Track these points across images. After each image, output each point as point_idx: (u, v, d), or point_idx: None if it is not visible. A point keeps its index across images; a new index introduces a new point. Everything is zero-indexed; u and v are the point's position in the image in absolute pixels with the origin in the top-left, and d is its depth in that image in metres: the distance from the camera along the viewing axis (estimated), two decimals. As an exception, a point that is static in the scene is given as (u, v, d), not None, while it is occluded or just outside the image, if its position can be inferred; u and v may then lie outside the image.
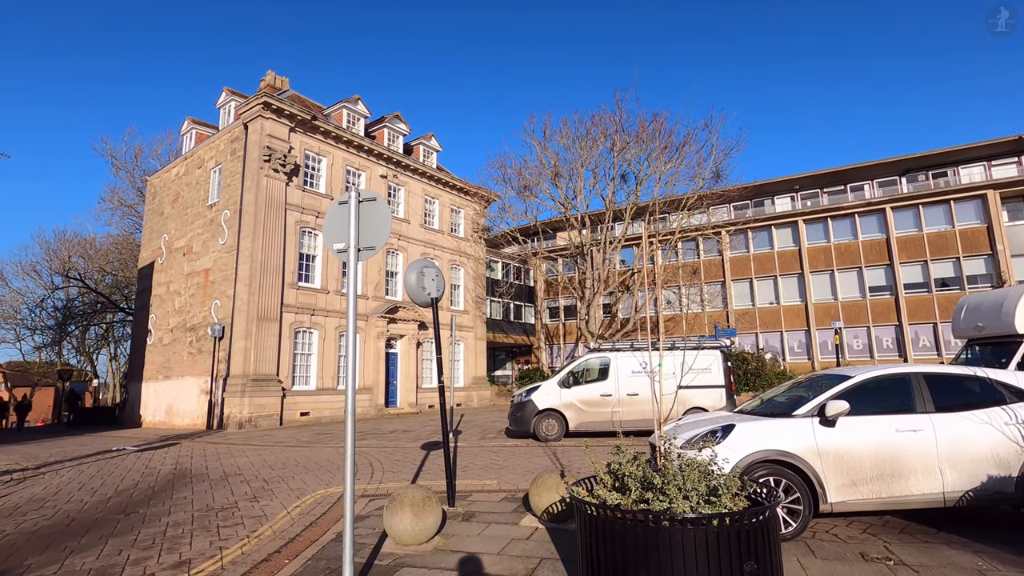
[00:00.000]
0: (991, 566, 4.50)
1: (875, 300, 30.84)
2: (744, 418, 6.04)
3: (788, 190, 37.02)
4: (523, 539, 5.55)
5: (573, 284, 29.55)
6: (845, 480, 5.37)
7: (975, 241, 29.22)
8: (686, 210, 27.08)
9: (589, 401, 12.96)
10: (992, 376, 5.80)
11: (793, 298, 33.06)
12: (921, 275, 30.19)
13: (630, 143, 24.75)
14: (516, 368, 40.32)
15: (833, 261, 32.19)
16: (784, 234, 34.02)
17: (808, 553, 4.93)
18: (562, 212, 27.36)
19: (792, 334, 32.58)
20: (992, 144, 31.24)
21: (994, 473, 5.32)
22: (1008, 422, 5.41)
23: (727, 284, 34.62)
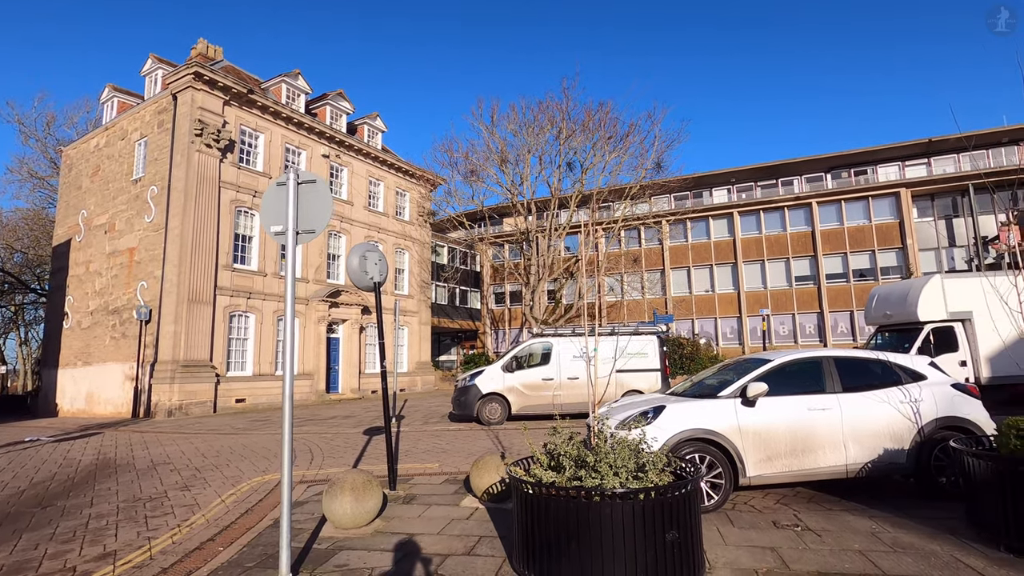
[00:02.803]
0: (882, 528, 5.03)
1: (800, 289, 32.87)
2: (674, 400, 6.39)
3: (725, 183, 38.64)
4: (463, 519, 5.69)
5: (519, 270, 29.83)
6: (762, 455, 5.81)
7: (888, 235, 31.61)
8: (629, 199, 27.80)
9: (531, 385, 13.23)
10: (891, 359, 6.40)
11: (727, 286, 34.72)
12: (841, 266, 32.40)
13: (576, 131, 25.11)
14: (461, 353, 40.40)
15: (764, 252, 33.99)
16: (720, 225, 35.56)
17: (727, 523, 5.32)
18: (508, 198, 27.47)
19: (725, 320, 34.27)
20: (905, 145, 33.74)
21: (890, 447, 5.91)
22: (903, 400, 6.00)
23: (666, 272, 35.91)
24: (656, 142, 25.83)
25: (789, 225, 33.74)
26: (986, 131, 32.02)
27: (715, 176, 38.24)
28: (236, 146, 21.64)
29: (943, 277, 14.08)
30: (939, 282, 13.88)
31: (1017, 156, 32.28)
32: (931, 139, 33.11)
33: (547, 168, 26.85)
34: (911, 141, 33.55)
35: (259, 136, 22.71)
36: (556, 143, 25.67)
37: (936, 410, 5.97)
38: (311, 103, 26.79)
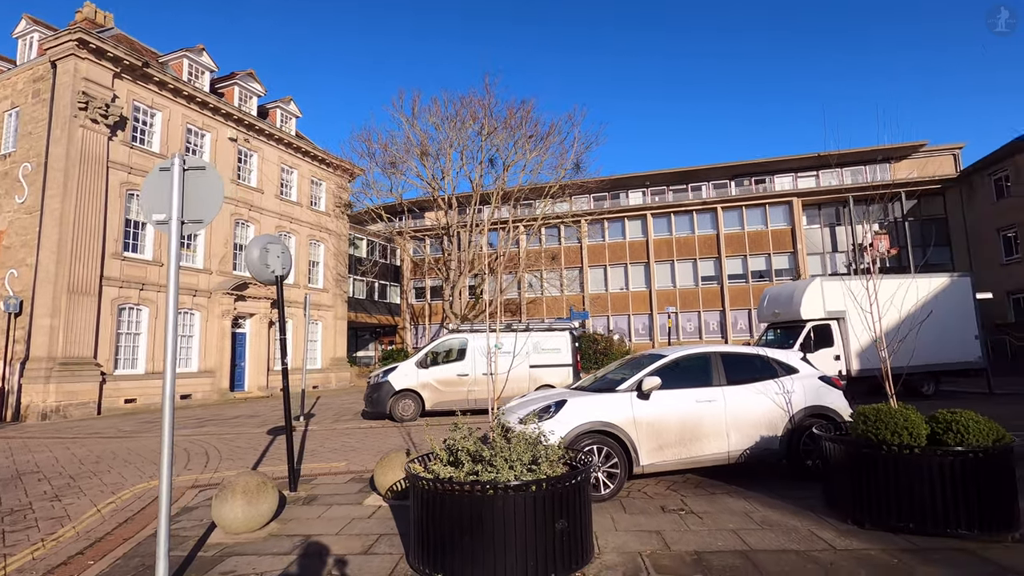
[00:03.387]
0: (755, 508, 5.52)
1: (705, 288, 35.10)
2: (577, 394, 6.64)
3: (641, 186, 40.39)
4: (364, 518, 5.61)
5: (439, 265, 29.60)
6: (655, 445, 6.18)
7: (782, 240, 34.48)
8: (549, 198, 28.38)
9: (446, 381, 13.21)
10: (769, 354, 7.02)
11: (640, 284, 36.38)
12: (741, 268, 34.94)
13: (498, 128, 25.25)
14: (380, 348, 39.52)
15: (674, 252, 35.95)
16: (635, 226, 37.17)
17: (620, 510, 5.62)
18: (429, 192, 27.16)
19: (638, 317, 35.92)
20: (799, 159, 36.87)
21: (766, 434, 6.49)
22: (778, 392, 6.60)
23: (584, 270, 37.04)
24: (575, 143, 26.59)
25: (697, 228, 35.88)
26: (865, 149, 35.65)
27: (631, 179, 39.88)
28: (128, 124, 19.81)
29: (822, 280, 15.58)
30: (819, 284, 15.34)
31: (890, 173, 36.24)
32: (820, 154, 36.38)
33: (469, 163, 26.86)
34: (804, 155, 36.69)
35: (156, 114, 20.92)
36: (478, 139, 25.72)
37: (805, 400, 6.63)
38: (217, 82, 25.03)
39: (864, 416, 5.09)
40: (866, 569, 4.00)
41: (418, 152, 25.86)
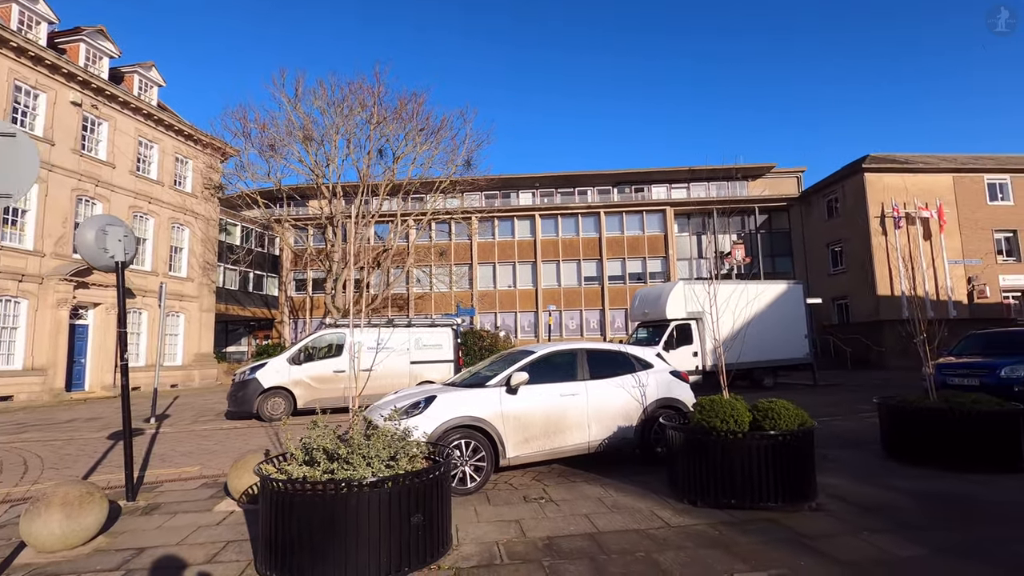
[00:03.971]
0: (608, 494, 5.95)
1: (588, 288, 36.96)
2: (448, 390, 6.70)
3: (531, 186, 41.55)
4: (212, 525, 5.23)
5: (322, 256, 28.22)
6: (521, 438, 6.42)
7: (656, 245, 37.29)
8: (440, 193, 28.20)
9: (321, 378, 12.66)
10: (629, 351, 7.59)
11: (527, 283, 37.41)
12: (620, 269, 37.26)
13: (388, 118, 24.61)
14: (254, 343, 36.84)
15: (560, 253, 37.42)
16: (524, 225, 38.14)
17: (485, 502, 5.77)
18: (313, 179, 25.76)
19: (524, 314, 36.92)
20: (672, 171, 40.12)
21: (623, 424, 7.01)
22: (634, 385, 7.16)
23: (474, 267, 37.33)
24: (467, 140, 26.68)
25: (581, 231, 37.64)
26: (727, 166, 39.68)
27: (522, 179, 40.89)
28: (-66, 73, 16.58)
29: (684, 284, 17.11)
30: (682, 287, 16.83)
31: (747, 189, 40.60)
32: (691, 168, 39.87)
33: (356, 152, 25.88)
34: (677, 168, 39.96)
35: (-27, 65, 17.72)
36: (367, 127, 24.87)
37: (657, 392, 7.25)
38: (58, 36, 21.78)
39: (700, 406, 5.70)
40: (692, 542, 4.48)
41: (301, 136, 24.42)
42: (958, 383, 11.79)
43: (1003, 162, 32.18)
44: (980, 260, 29.42)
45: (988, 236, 29.94)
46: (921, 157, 32.82)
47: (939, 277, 29.18)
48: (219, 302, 29.91)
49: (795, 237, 36.84)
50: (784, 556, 4.14)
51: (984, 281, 29.26)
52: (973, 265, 29.38)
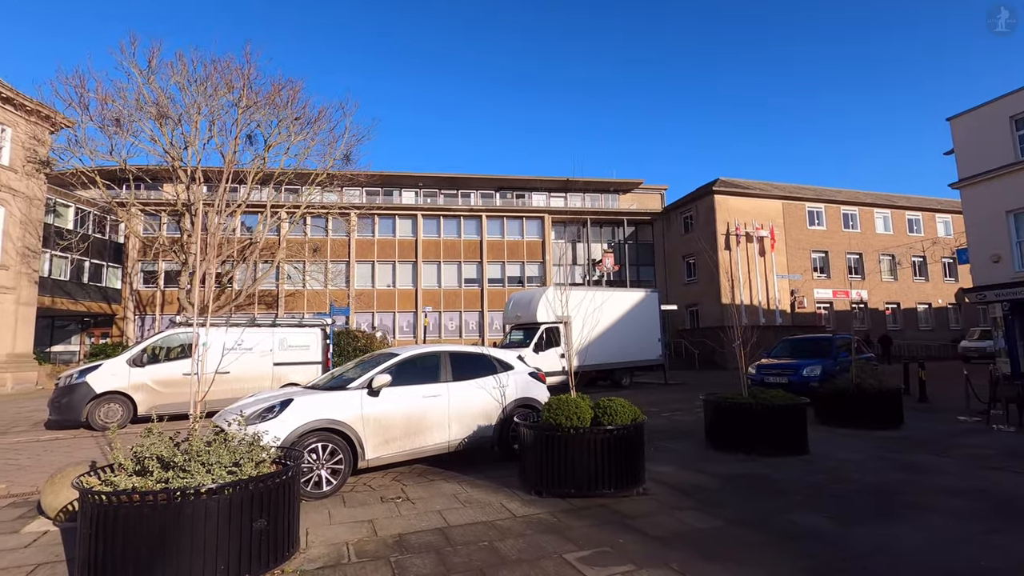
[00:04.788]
0: (463, 490, 6.24)
1: (468, 290, 37.42)
2: (306, 393, 6.58)
3: (414, 185, 41.13)
4: (19, 548, 4.68)
5: (178, 246, 25.61)
6: (381, 439, 6.50)
7: (534, 251, 38.79)
8: (316, 185, 26.94)
9: (168, 381, 11.58)
10: (491, 353, 7.98)
11: (407, 283, 36.96)
12: (500, 273, 38.21)
13: (260, 103, 23.01)
14: (88, 342, 32.32)
15: (441, 254, 37.47)
16: (406, 224, 37.66)
17: (340, 504, 5.78)
18: (168, 161, 23.27)
19: (403, 315, 36.43)
20: (551, 180, 42.01)
21: (483, 423, 7.36)
22: (495, 386, 7.54)
23: (351, 264, 36.08)
24: (347, 133, 25.77)
25: (463, 233, 38.03)
26: (601, 180, 42.42)
27: (406, 178, 40.34)
28: None
29: (554, 288, 18.10)
30: (551, 292, 17.78)
31: (618, 202, 43.69)
32: (568, 179, 42.02)
33: (222, 136, 23.83)
34: (555, 177, 41.89)
35: None
36: (234, 110, 23.01)
37: (516, 393, 7.71)
38: None
39: (549, 405, 6.20)
40: (533, 529, 4.90)
41: (154, 113, 21.94)
42: (773, 381, 13.83)
43: (820, 193, 38.04)
44: (800, 276, 34.48)
45: (807, 255, 35.20)
46: (759, 184, 37.72)
47: (770, 289, 33.73)
48: (44, 294, 25.88)
49: (657, 248, 40.38)
50: (608, 535, 4.70)
51: (803, 294, 34.34)
52: (795, 280, 34.34)
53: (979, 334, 28.65)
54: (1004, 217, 18.16)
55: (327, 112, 25.51)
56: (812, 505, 5.48)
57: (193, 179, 23.64)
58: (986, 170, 18.60)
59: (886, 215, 38.00)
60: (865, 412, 10.01)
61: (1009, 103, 18.15)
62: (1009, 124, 18.07)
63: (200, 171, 23.85)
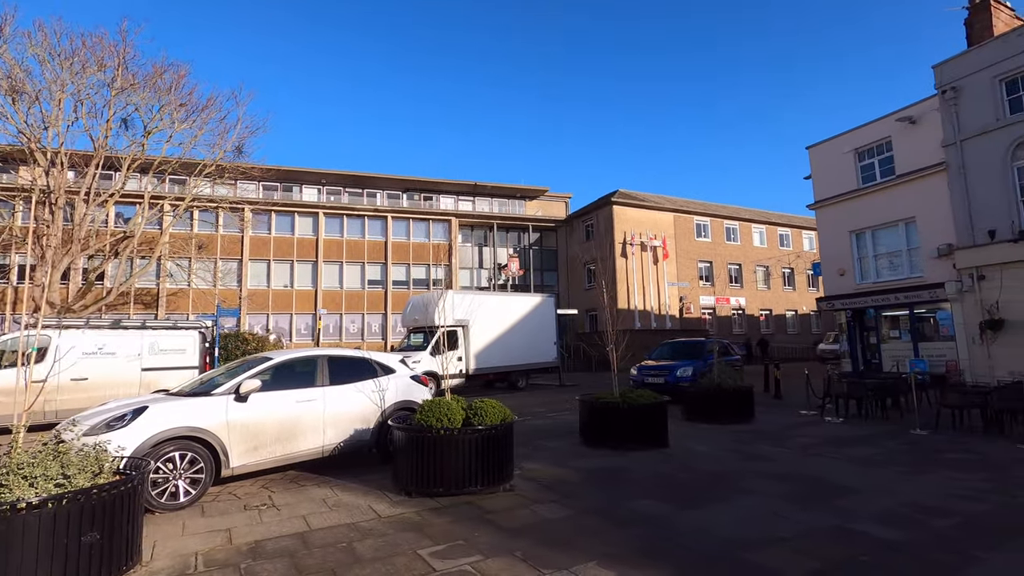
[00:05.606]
0: (334, 494, 6.23)
1: (371, 292, 36.58)
2: (165, 399, 6.27)
3: (316, 182, 39.56)
4: None
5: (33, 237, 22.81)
6: (249, 446, 6.33)
7: (441, 253, 38.73)
8: (204, 178, 25.17)
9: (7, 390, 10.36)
10: (372, 357, 8.00)
11: (307, 283, 35.46)
12: (405, 275, 37.74)
13: (138, 85, 21.11)
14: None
15: (344, 254, 36.34)
16: (306, 222, 36.12)
17: (198, 514, 5.57)
18: (23, 142, 20.70)
19: (301, 317, 34.89)
20: (459, 183, 42.19)
21: (360, 427, 7.36)
22: (375, 390, 7.57)
23: (244, 263, 34.01)
24: (239, 124, 24.31)
25: (368, 233, 37.16)
26: (508, 185, 43.24)
27: (307, 174, 38.72)
28: None
29: (453, 292, 18.30)
30: (451, 296, 17.95)
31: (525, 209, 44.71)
32: (476, 183, 42.43)
33: (91, 118, 21.59)
34: (463, 181, 42.13)
35: None
36: (107, 91, 20.93)
37: (397, 396, 7.79)
38: None
39: (422, 408, 6.37)
40: (394, 528, 5.03)
41: (5, 87, 19.43)
42: (651, 381, 14.93)
43: (707, 207, 41.33)
44: (688, 283, 37.25)
45: (694, 265, 38.10)
46: (653, 197, 40.30)
47: (661, 295, 36.12)
48: None
49: (561, 255, 41.83)
50: (465, 530, 4.94)
51: (690, 300, 37.12)
52: (684, 287, 37.03)
53: (833, 338, 32.52)
54: (848, 236, 20.83)
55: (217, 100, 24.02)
56: (657, 493, 6.08)
57: (54, 163, 21.21)
58: (835, 194, 21.26)
59: (762, 230, 42.07)
60: (723, 409, 11.14)
61: (853, 137, 20.89)
62: (853, 155, 20.80)
63: (64, 155, 21.45)
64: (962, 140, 16.66)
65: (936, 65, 17.54)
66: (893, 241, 19.50)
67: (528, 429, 10.84)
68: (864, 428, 10.28)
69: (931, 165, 17.70)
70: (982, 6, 17.71)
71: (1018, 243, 15.16)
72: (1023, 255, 15.06)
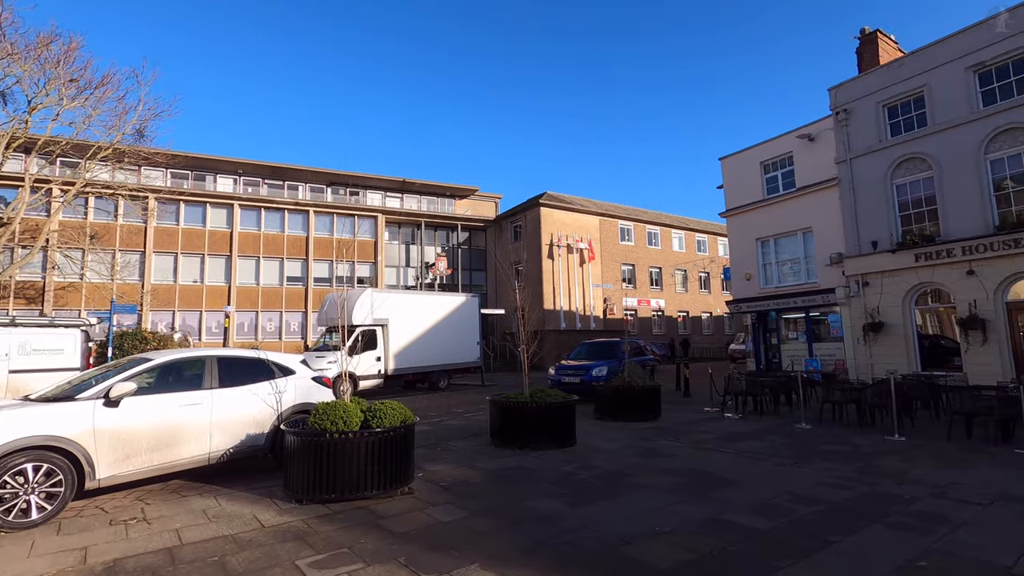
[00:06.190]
0: (217, 504, 5.84)
1: (291, 289, 34.98)
2: (19, 405, 5.65)
3: (233, 172, 37.32)
4: None
5: None
6: (120, 455, 5.81)
7: (367, 250, 37.70)
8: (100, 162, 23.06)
9: None
10: (270, 358, 7.59)
11: (219, 279, 33.37)
12: (328, 272, 36.41)
13: (19, 55, 18.98)
14: None
15: (261, 249, 34.52)
16: (220, 214, 33.99)
17: (53, 532, 5.04)
18: None
19: (213, 314, 32.78)
20: (387, 180, 41.26)
21: (253, 432, 6.96)
22: (271, 392, 7.19)
23: (148, 255, 31.50)
24: (140, 105, 22.42)
25: (288, 227, 35.52)
26: (438, 183, 42.79)
27: (223, 163, 36.47)
28: None
29: (372, 291, 17.81)
30: (369, 294, 17.47)
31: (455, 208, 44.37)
32: (405, 180, 41.66)
33: (-38, 89, 19.16)
34: (392, 177, 41.24)
35: None
36: (-20, 60, 18.62)
37: (295, 399, 7.44)
38: None
39: (316, 410, 6.11)
40: (276, 538, 4.77)
41: None
42: (568, 381, 15.22)
43: (630, 212, 42.79)
44: (612, 285, 38.40)
45: (619, 267, 39.34)
46: (580, 200, 41.24)
47: (587, 297, 37.01)
48: None
49: (490, 255, 41.88)
50: (352, 537, 4.77)
51: (614, 302, 38.28)
52: (608, 289, 38.14)
53: (741, 339, 34.65)
54: (754, 243, 22.25)
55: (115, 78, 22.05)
56: (555, 491, 6.16)
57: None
58: (743, 204, 22.64)
59: (681, 235, 44.12)
60: (632, 407, 11.52)
61: (760, 151, 22.33)
62: (760, 168, 22.23)
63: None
64: (852, 158, 18.19)
65: (832, 88, 19.07)
66: (793, 249, 21.00)
67: (441, 430, 10.73)
68: (758, 423, 10.96)
69: (826, 180, 19.23)
70: (870, 37, 19.42)
71: (895, 253, 16.76)
72: (899, 264, 16.67)
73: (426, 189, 42.70)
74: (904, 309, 16.68)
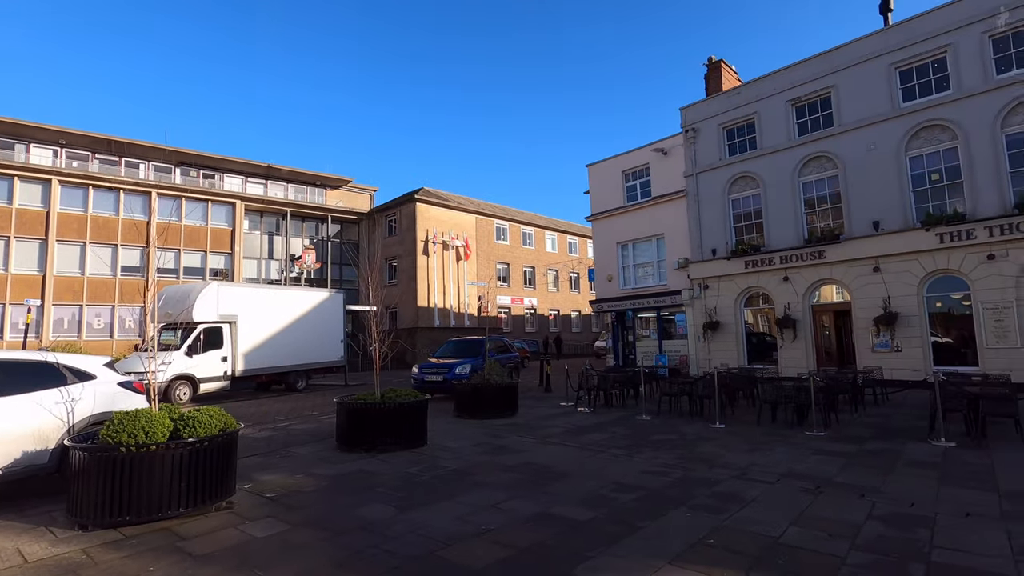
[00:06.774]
0: (-31, 539, 4.84)
1: (126, 280, 30.77)
2: None
3: (53, 142, 31.98)
4: None
5: None
6: None
7: (222, 240, 34.36)
8: None
9: None
10: (60, 360, 6.50)
11: (31, 266, 28.38)
12: (174, 262, 32.57)
13: None
14: None
15: (88, 233, 29.95)
16: (32, 190, 28.90)
17: None
18: None
19: (18, 307, 27.80)
20: (250, 164, 37.96)
21: (32, 448, 5.89)
22: (59, 401, 6.14)
23: (-70, 236, 25.88)
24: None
25: (123, 210, 31.21)
26: (308, 172, 40.28)
27: (40, 130, 31.11)
28: None
29: (219, 285, 16.22)
30: (215, 288, 15.89)
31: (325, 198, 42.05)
32: (270, 165, 38.64)
33: None
34: (255, 162, 38.03)
35: None
36: None
37: (94, 408, 6.44)
38: None
39: (112, 422, 5.31)
40: (40, 573, 4.04)
41: None
42: (431, 379, 15.05)
43: (506, 212, 43.65)
44: (487, 283, 38.86)
45: (494, 266, 39.91)
46: (457, 197, 41.22)
47: (461, 294, 37.06)
48: None
49: (363, 249, 40.32)
50: (139, 565, 4.18)
51: (488, 300, 38.76)
52: (483, 287, 38.52)
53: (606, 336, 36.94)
54: (615, 247, 23.74)
55: None
56: (390, 496, 5.95)
57: None
58: (606, 209, 24.06)
59: (554, 236, 45.92)
60: (490, 404, 11.65)
61: (622, 160, 23.87)
62: (621, 177, 23.76)
63: None
64: (698, 173, 20.08)
65: (682, 108, 20.91)
66: (648, 253, 22.72)
67: (286, 435, 10.03)
68: (605, 416, 11.65)
69: (677, 191, 21.04)
70: (715, 66, 21.59)
71: (730, 260, 18.80)
72: (733, 270, 18.73)
73: (294, 176, 40.01)
74: (736, 310, 18.78)
